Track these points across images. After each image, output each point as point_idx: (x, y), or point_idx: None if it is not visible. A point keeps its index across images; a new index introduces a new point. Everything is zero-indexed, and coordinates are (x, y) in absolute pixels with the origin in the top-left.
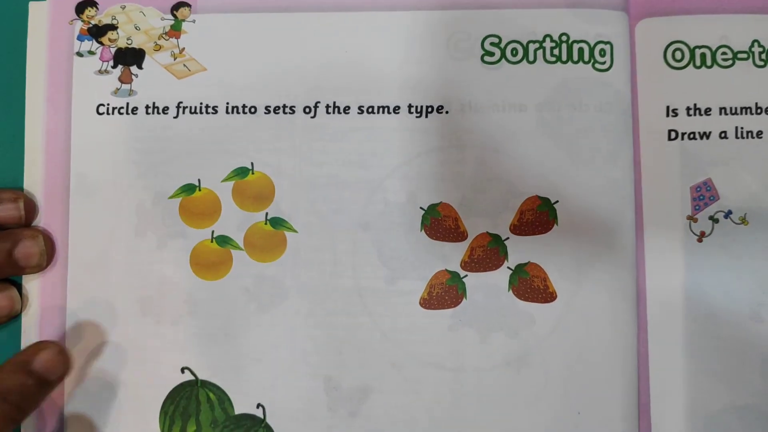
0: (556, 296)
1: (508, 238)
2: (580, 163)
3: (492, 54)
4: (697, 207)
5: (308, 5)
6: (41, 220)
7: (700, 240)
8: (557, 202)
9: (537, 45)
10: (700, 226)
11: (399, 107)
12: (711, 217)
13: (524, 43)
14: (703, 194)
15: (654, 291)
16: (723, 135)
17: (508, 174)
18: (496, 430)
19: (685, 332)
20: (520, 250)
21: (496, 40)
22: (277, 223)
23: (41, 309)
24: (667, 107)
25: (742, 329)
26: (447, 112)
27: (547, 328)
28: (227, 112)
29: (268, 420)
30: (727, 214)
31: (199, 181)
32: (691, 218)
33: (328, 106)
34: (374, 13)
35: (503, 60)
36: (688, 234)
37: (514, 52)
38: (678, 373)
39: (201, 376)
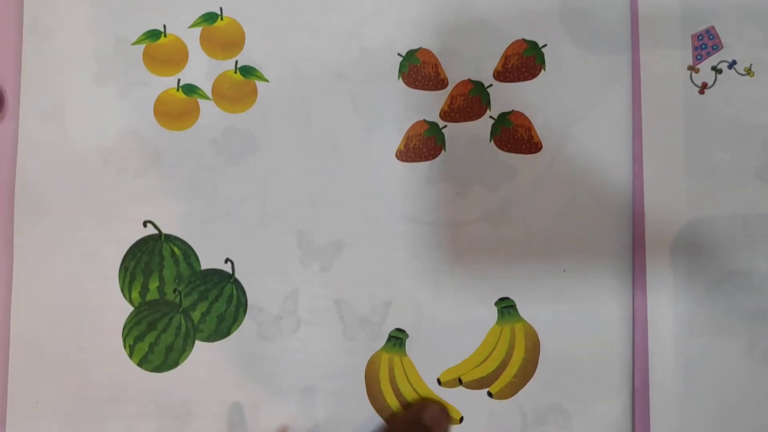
0: (541, 147)
1: (491, 86)
2: (571, 5)
3: None
4: (698, 56)
5: None
6: None
7: (701, 92)
8: (545, 46)
9: None
10: (702, 77)
11: None
12: (714, 68)
13: None
14: (706, 43)
15: (651, 146)
16: None
17: (492, 16)
18: (474, 286)
19: (684, 190)
20: (504, 98)
21: None
22: (247, 71)
23: None
24: None
25: (748, 189)
26: None
27: (530, 180)
28: None
29: (237, 275)
30: (731, 65)
31: (164, 26)
32: (692, 68)
33: None
34: None
35: None
36: (689, 85)
37: None
38: (675, 228)
39: (165, 230)
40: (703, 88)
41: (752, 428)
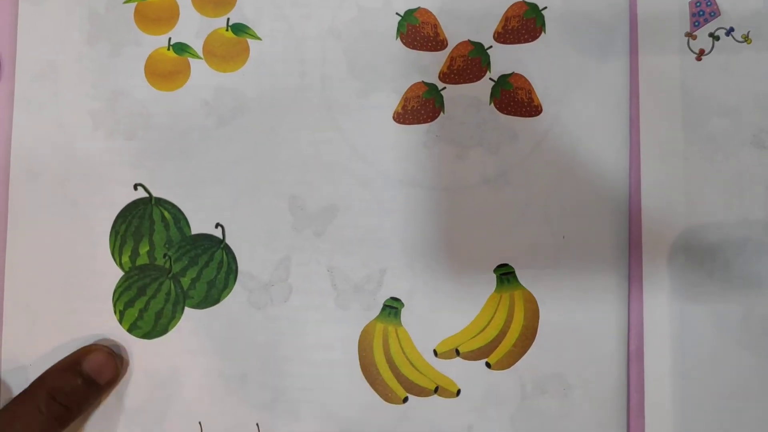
0: (541, 110)
1: (491, 47)
2: None
3: None
4: (696, 23)
5: None
6: None
7: (699, 58)
8: (545, 8)
9: None
10: (699, 44)
11: None
12: (711, 34)
13: None
14: (703, 9)
15: (648, 110)
16: None
17: None
18: (472, 252)
19: (682, 154)
20: (504, 59)
21: None
22: (239, 29)
23: None
24: None
25: (744, 155)
26: None
27: (530, 143)
28: None
29: (228, 240)
30: (729, 32)
31: None
32: (690, 35)
33: None
34: None
35: None
36: (686, 52)
37: None
38: (673, 201)
39: (155, 194)
40: (700, 54)
41: (746, 395)
